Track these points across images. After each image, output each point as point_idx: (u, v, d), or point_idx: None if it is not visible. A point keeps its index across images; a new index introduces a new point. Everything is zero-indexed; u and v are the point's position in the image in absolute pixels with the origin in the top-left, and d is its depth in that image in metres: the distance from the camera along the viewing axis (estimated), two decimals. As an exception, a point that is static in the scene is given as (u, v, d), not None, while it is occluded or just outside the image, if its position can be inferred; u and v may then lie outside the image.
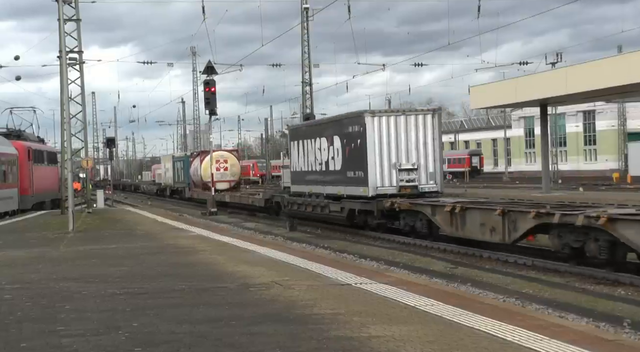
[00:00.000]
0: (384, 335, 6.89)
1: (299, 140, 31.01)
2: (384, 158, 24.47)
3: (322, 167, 28.19)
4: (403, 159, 24.47)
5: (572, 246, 15.92)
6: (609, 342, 6.75)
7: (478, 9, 39.44)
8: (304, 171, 30.35)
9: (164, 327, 7.54)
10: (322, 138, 28.20)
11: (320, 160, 28.39)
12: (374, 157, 24.36)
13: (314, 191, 29.06)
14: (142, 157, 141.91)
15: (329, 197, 27.48)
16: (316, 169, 28.86)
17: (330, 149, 27.42)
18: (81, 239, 19.33)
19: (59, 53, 30.06)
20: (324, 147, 28.00)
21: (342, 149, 26.38)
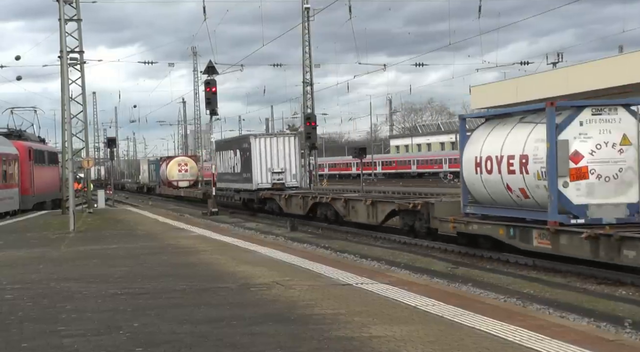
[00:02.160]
0: (385, 335, 6.89)
1: (220, 151, 44.00)
2: (263, 165, 36.29)
3: (231, 170, 40.56)
4: (275, 166, 36.23)
5: (409, 224, 22.67)
6: (610, 343, 6.75)
7: (479, 9, 39.47)
8: (222, 173, 42.83)
9: (165, 328, 7.54)
10: (231, 150, 40.94)
11: (230, 166, 40.86)
12: (257, 164, 36.28)
13: (227, 186, 41.31)
14: (142, 157, 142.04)
15: (235, 191, 40.20)
16: (229, 171, 41.20)
17: (234, 158, 39.88)
18: (82, 239, 19.33)
19: (60, 53, 30.11)
20: (231, 157, 40.61)
21: (240, 159, 38.65)
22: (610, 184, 15.44)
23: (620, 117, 15.60)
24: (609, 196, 15.50)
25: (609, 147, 15.49)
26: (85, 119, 34.52)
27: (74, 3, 32.14)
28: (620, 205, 15.46)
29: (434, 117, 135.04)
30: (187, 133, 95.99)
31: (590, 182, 15.45)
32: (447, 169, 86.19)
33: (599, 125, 15.55)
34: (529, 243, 16.64)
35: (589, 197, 15.49)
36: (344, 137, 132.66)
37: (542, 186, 16.12)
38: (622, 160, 15.46)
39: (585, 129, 15.58)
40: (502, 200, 17.78)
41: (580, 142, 15.52)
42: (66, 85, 27.80)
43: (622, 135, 15.50)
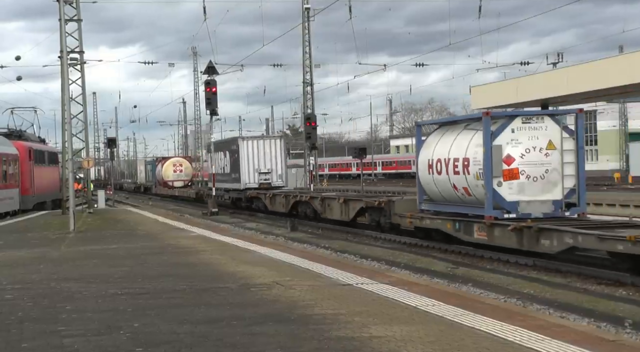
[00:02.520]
0: (385, 335, 6.89)
1: (215, 153, 45.09)
2: (250, 165, 38.54)
3: (222, 170, 42.58)
4: (262, 166, 38.50)
5: (375, 220, 24.69)
6: (610, 343, 6.75)
7: (479, 9, 39.47)
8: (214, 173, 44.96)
9: (165, 328, 7.54)
10: (221, 152, 43.24)
11: (221, 166, 42.95)
12: (245, 165, 38.57)
13: (218, 186, 41.77)
14: (139, 158, 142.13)
15: (224, 190, 41.65)
16: (219, 171, 42.83)
17: (224, 159, 42.20)
18: (82, 239, 19.33)
19: (60, 53, 30.12)
20: (221, 158, 42.86)
21: (229, 160, 40.84)
22: (538, 184, 17.78)
23: (546, 125, 18.03)
24: (537, 193, 17.82)
25: (536, 151, 17.86)
26: (85, 119, 34.52)
27: (74, 3, 32.13)
28: (546, 201, 17.84)
29: (434, 117, 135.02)
30: (187, 133, 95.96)
31: (521, 181, 17.78)
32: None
33: (528, 132, 17.92)
34: (471, 235, 18.85)
35: (520, 195, 17.78)
36: (344, 137, 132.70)
37: (480, 185, 18.29)
38: (548, 163, 17.85)
39: (517, 136, 17.92)
40: (450, 197, 20.04)
41: (512, 147, 17.85)
42: (66, 86, 27.80)
43: (548, 141, 17.93)
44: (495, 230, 17.90)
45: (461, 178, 19.12)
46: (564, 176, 17.95)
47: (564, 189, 17.93)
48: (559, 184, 17.93)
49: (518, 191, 17.80)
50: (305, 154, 50.11)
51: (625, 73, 25.53)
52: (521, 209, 17.75)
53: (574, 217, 17.91)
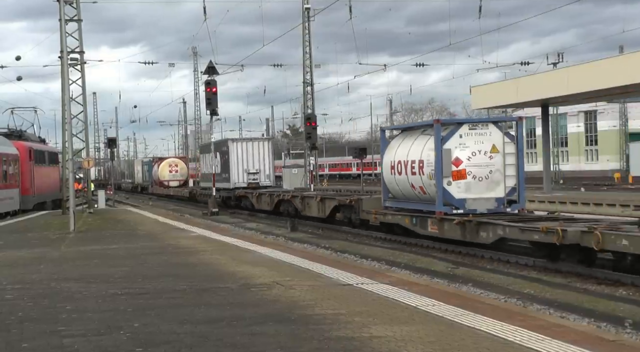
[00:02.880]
0: (385, 335, 6.89)
1: (204, 154, 49.00)
2: (240, 166, 40.86)
3: (213, 170, 43.88)
4: (250, 167, 40.85)
5: (347, 217, 27.17)
6: (610, 343, 6.75)
7: (479, 9, 39.46)
8: (205, 173, 48.38)
9: (165, 328, 7.54)
10: (212, 153, 45.24)
11: (213, 166, 44.37)
12: (234, 166, 40.84)
13: (209, 185, 43.72)
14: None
15: (216, 189, 42.01)
16: (211, 171, 44.25)
17: (215, 160, 44.16)
18: (82, 239, 19.33)
19: (60, 53, 30.13)
20: (212, 158, 44.83)
21: (220, 161, 43.22)
22: (483, 183, 19.95)
23: (490, 132, 20.04)
24: (482, 192, 19.94)
25: (481, 155, 19.95)
26: (85, 119, 34.51)
27: (74, 3, 32.13)
28: (490, 199, 19.96)
29: (434, 117, 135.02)
30: (187, 133, 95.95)
31: (468, 181, 19.89)
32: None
33: (474, 137, 19.98)
34: (426, 229, 21.00)
35: (467, 193, 19.86)
36: (345, 137, 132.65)
37: (432, 184, 20.43)
38: (492, 165, 19.95)
39: (464, 141, 19.96)
40: (409, 195, 22.37)
41: (460, 151, 19.89)
42: (66, 86, 27.79)
43: (492, 146, 20.01)
44: (444, 224, 20.02)
45: (417, 178, 21.36)
46: (506, 176, 20.01)
47: (505, 188, 20.01)
48: (502, 184, 20.00)
49: (465, 189, 19.91)
50: (305, 154, 50.10)
51: (626, 73, 25.53)
52: (468, 205, 19.84)
53: (514, 213, 19.95)
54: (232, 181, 40.88)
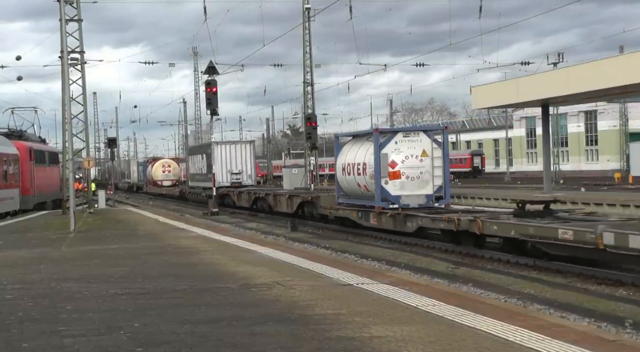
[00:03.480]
0: (386, 335, 6.89)
1: (192, 155, 53.12)
2: (223, 167, 44.16)
3: (200, 171, 48.60)
4: (233, 168, 44.09)
5: (310, 212, 30.75)
6: (611, 343, 6.75)
7: (480, 10, 39.45)
8: (193, 173, 51.91)
9: (165, 328, 7.54)
10: (199, 155, 49.37)
11: (199, 168, 48.85)
12: (219, 167, 44.14)
13: (197, 185, 49.20)
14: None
15: (202, 188, 47.25)
16: (198, 172, 49.33)
17: (202, 161, 47.98)
18: (82, 239, 19.33)
19: (61, 53, 30.12)
20: (199, 160, 49.04)
21: (206, 162, 46.47)
22: (415, 182, 23.43)
23: (421, 139, 23.55)
24: (414, 189, 23.43)
25: (413, 158, 23.41)
26: (85, 119, 34.50)
27: (74, 3, 32.12)
28: (421, 195, 23.45)
29: (434, 117, 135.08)
30: (187, 133, 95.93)
31: (402, 181, 23.35)
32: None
33: (407, 143, 23.47)
34: (368, 222, 24.64)
35: (401, 190, 23.32)
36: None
37: (373, 183, 23.77)
38: (422, 167, 23.42)
39: (399, 146, 23.41)
40: (356, 193, 26.01)
41: (395, 155, 23.35)
42: (67, 86, 27.79)
43: (422, 150, 23.48)
44: (382, 217, 23.60)
45: (362, 178, 24.95)
46: (434, 176, 23.46)
47: (434, 186, 23.47)
48: (430, 183, 23.47)
49: (400, 187, 23.38)
50: (305, 154, 50.09)
51: (626, 73, 25.51)
52: (402, 201, 23.26)
53: (441, 207, 23.23)
54: (219, 181, 44.01)
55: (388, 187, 23.33)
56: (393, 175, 23.33)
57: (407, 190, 23.34)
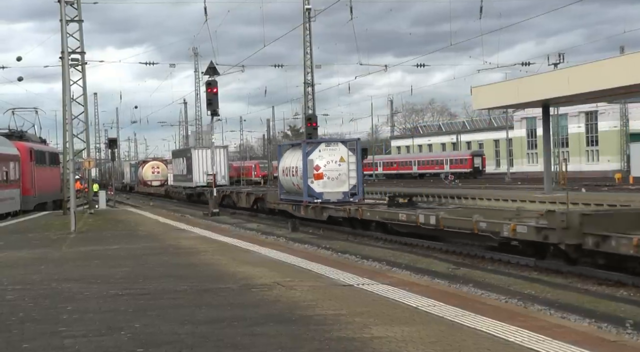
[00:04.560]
0: (386, 336, 6.89)
1: (174, 158, 61.06)
2: (200, 169, 50.55)
3: (181, 172, 55.85)
4: (209, 169, 47.00)
5: (262, 207, 36.78)
6: (611, 343, 6.75)
7: (480, 10, 39.45)
8: (176, 175, 59.19)
9: (166, 328, 7.54)
10: (180, 158, 57.54)
11: (180, 169, 56.08)
12: (196, 168, 51.17)
13: (178, 185, 56.77)
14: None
15: (183, 188, 54.74)
16: (179, 173, 56.81)
17: (182, 164, 55.61)
18: (83, 239, 19.34)
19: (61, 54, 30.13)
20: (180, 163, 56.66)
21: (186, 164, 53.75)
22: (334, 182, 29.60)
23: (339, 148, 30.07)
24: (334, 187, 29.56)
25: (333, 163, 29.65)
26: (86, 119, 34.51)
27: (75, 4, 32.13)
28: (339, 192, 29.53)
29: (435, 117, 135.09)
30: (188, 134, 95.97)
31: (324, 180, 29.61)
32: (449, 170, 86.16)
33: (328, 151, 29.84)
34: (299, 213, 30.62)
35: (324, 188, 29.51)
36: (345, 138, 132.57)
37: (303, 183, 29.77)
38: (340, 170, 29.66)
39: (322, 154, 29.74)
40: (292, 190, 32.17)
41: (319, 160, 29.61)
42: (67, 86, 27.80)
43: (340, 157, 29.74)
44: (308, 209, 29.91)
45: (295, 178, 31.06)
46: (349, 177, 29.71)
47: (349, 185, 29.68)
48: (346, 182, 29.69)
49: (323, 186, 29.57)
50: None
51: (627, 73, 25.50)
52: (325, 197, 29.41)
53: (355, 202, 28.97)
54: (195, 181, 51.26)
55: (313, 186, 29.58)
56: (317, 176, 29.57)
57: (328, 188, 29.54)
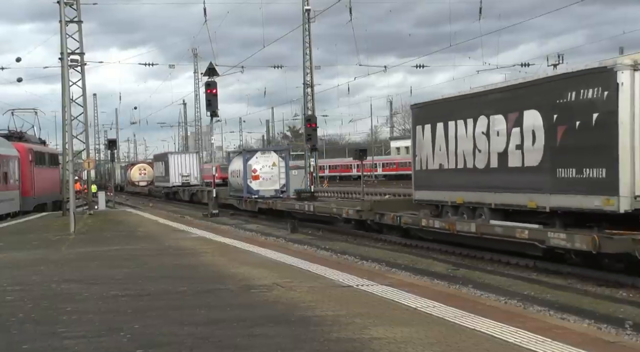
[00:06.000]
0: (386, 337, 6.89)
1: (156, 162, 70.41)
2: (177, 171, 59.44)
3: (161, 174, 63.96)
4: (184, 172, 59.22)
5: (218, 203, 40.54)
6: (611, 344, 6.75)
7: (480, 11, 39.44)
8: (157, 176, 67.58)
9: (165, 329, 7.54)
10: (160, 162, 65.97)
11: (161, 171, 64.51)
12: (173, 171, 59.53)
13: (158, 185, 65.90)
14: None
15: (162, 187, 63.56)
16: (160, 175, 64.87)
17: (162, 167, 63.56)
18: (82, 240, 19.33)
19: (61, 55, 30.13)
20: (160, 165, 65.19)
21: (164, 167, 62.10)
22: (268, 182, 37.57)
23: (272, 155, 38.35)
24: (268, 186, 37.55)
25: (267, 167, 37.74)
26: (85, 120, 34.49)
27: (75, 5, 32.12)
28: (272, 190, 37.37)
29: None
30: (187, 135, 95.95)
31: (260, 180, 37.57)
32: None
33: (264, 158, 38.13)
34: (242, 206, 38.82)
35: (260, 187, 37.56)
36: (345, 138, 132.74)
37: (243, 182, 37.98)
38: (273, 172, 37.74)
39: (258, 160, 37.93)
40: (237, 188, 40.38)
41: (256, 165, 37.68)
42: (67, 87, 27.80)
43: (273, 162, 37.84)
44: (248, 203, 37.93)
45: (240, 179, 39.17)
46: (280, 178, 37.85)
47: (280, 185, 37.71)
48: (277, 182, 37.73)
49: (259, 185, 37.70)
50: (305, 156, 50.11)
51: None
52: (261, 193, 37.47)
53: (284, 197, 36.68)
54: (171, 181, 59.92)
55: (252, 185, 37.76)
56: (254, 177, 37.76)
57: (263, 186, 37.73)
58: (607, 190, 14.63)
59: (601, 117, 14.86)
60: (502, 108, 18.23)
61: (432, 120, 21.72)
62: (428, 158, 22.04)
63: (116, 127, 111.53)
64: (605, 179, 14.79)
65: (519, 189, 17.59)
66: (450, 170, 20.66)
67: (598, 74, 15.02)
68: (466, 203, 19.80)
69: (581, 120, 15.43)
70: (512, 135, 17.85)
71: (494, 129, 18.55)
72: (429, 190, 21.99)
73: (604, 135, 14.81)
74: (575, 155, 15.64)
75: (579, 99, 15.42)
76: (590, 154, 15.19)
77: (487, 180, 18.92)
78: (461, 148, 20.12)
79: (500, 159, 18.41)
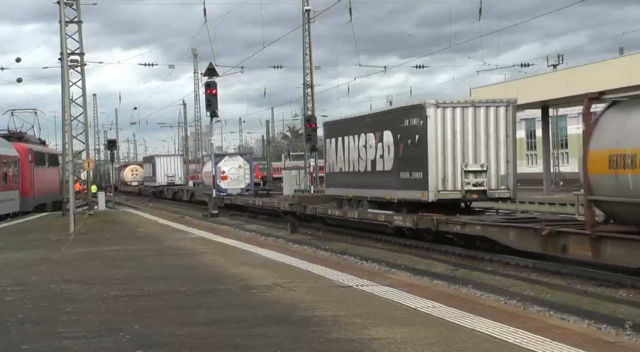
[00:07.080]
0: (386, 337, 6.89)
1: (145, 163, 77.36)
2: (162, 172, 67.00)
3: (149, 174, 70.31)
4: (169, 172, 66.68)
5: (184, 199, 56.77)
6: (611, 345, 6.76)
7: (479, 11, 39.44)
8: (146, 176, 74.10)
9: (165, 329, 7.54)
10: (148, 163, 72.09)
11: (149, 172, 70.38)
12: (159, 171, 66.87)
13: (148, 184, 70.37)
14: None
15: (151, 187, 68.89)
16: (148, 175, 71.07)
17: (150, 168, 69.84)
18: (82, 241, 19.33)
19: (61, 55, 30.13)
20: (149, 167, 71.68)
21: (152, 168, 68.37)
22: (235, 181, 43.39)
23: (239, 158, 44.98)
24: (234, 185, 43.37)
25: (234, 169, 43.63)
26: (85, 121, 34.46)
27: (74, 5, 32.11)
28: (238, 188, 43.17)
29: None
30: (187, 135, 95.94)
31: (228, 180, 43.26)
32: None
33: (231, 161, 44.33)
34: (212, 202, 40.68)
35: (228, 186, 43.03)
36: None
37: (213, 182, 42.25)
38: (239, 173, 43.74)
39: (227, 162, 43.90)
40: (210, 187, 43.71)
41: (225, 167, 43.50)
42: (66, 88, 27.78)
43: (239, 165, 43.99)
44: (217, 200, 40.98)
45: (212, 179, 43.17)
46: (245, 178, 43.61)
47: (245, 184, 43.56)
48: (243, 182, 43.53)
49: (227, 184, 43.00)
50: (305, 156, 50.11)
51: (626, 74, 25.53)
52: (229, 191, 42.59)
53: (249, 195, 41.97)
54: (158, 181, 66.44)
55: (221, 184, 42.88)
56: (223, 178, 43.31)
57: (231, 186, 43.22)
58: (423, 187, 21.31)
59: (419, 138, 21.60)
60: (373, 128, 24.97)
61: (335, 134, 28.56)
62: (333, 163, 28.73)
63: (116, 128, 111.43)
64: (422, 179, 21.46)
65: (382, 186, 23.93)
66: (346, 173, 27.38)
67: (418, 108, 21.81)
68: (355, 197, 26.54)
69: (410, 139, 22.13)
70: (378, 148, 24.39)
71: (369, 143, 25.19)
72: (334, 187, 28.79)
73: (421, 151, 21.49)
74: (408, 163, 22.29)
75: (409, 124, 22.19)
76: (415, 162, 21.90)
77: (365, 180, 25.40)
78: (351, 156, 26.77)
79: (372, 165, 24.95)
